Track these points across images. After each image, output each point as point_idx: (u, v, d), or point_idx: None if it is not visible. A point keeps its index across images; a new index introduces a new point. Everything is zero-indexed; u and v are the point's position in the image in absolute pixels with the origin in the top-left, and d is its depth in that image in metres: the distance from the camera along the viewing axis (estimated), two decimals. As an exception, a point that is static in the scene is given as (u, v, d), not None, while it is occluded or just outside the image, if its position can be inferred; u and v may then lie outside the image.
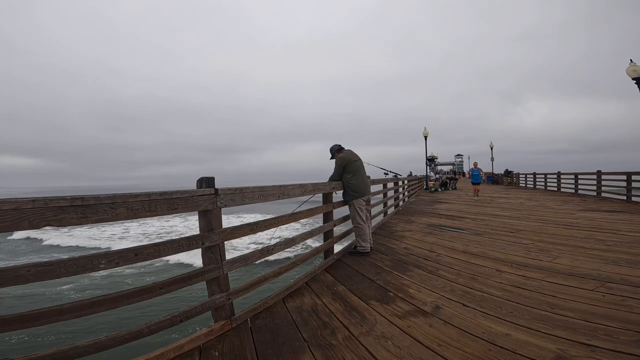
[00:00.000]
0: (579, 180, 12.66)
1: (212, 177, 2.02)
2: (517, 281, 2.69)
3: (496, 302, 2.28)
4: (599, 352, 1.59)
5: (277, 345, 1.83)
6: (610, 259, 3.18)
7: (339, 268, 3.38)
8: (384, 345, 1.78)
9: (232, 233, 2.17)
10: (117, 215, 1.51)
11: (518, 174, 22.32)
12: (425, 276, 2.97)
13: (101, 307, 1.52)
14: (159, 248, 1.70)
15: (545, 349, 1.65)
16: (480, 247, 4.00)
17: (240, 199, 2.21)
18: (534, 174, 18.48)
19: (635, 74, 7.29)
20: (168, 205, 1.72)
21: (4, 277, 1.23)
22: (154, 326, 1.70)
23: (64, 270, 1.35)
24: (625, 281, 2.55)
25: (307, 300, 2.51)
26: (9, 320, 1.26)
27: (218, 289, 2.04)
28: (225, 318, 2.06)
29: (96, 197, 1.43)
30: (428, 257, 3.61)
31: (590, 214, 6.59)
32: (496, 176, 24.92)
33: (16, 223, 1.22)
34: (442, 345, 1.74)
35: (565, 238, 4.28)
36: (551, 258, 3.34)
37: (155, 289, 1.70)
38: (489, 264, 3.22)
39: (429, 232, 5.17)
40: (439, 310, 2.21)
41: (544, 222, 5.65)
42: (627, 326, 1.83)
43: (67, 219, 1.35)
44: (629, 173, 9.40)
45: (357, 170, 3.84)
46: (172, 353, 1.72)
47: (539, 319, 1.99)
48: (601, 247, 3.72)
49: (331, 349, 1.77)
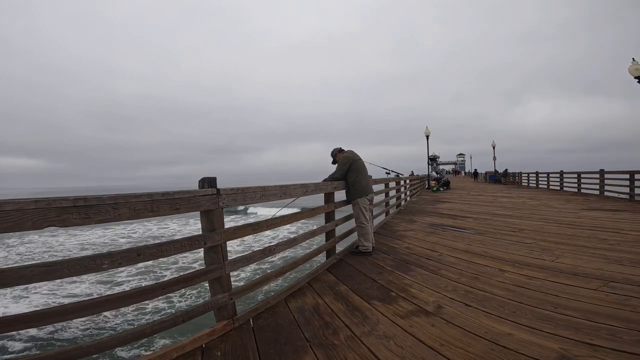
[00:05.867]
0: (581, 180, 12.60)
1: (214, 177, 2.02)
2: (520, 281, 2.68)
3: (499, 302, 2.27)
4: (602, 352, 1.58)
5: (279, 345, 1.84)
6: (614, 258, 3.17)
7: (341, 268, 3.38)
8: (386, 345, 1.78)
9: (234, 233, 2.17)
10: (119, 215, 1.51)
11: (520, 173, 22.24)
12: (427, 276, 2.96)
13: (104, 307, 1.52)
14: (161, 248, 1.71)
15: (548, 348, 1.65)
16: (482, 246, 3.99)
17: (242, 199, 2.21)
18: (537, 173, 18.41)
19: (637, 72, 7.25)
20: (170, 206, 1.72)
21: (6, 278, 1.24)
22: (156, 326, 1.70)
23: (67, 270, 1.36)
24: (629, 280, 2.54)
25: (309, 300, 2.52)
26: (12, 321, 1.26)
27: (220, 289, 2.04)
28: (227, 318, 2.06)
29: (98, 197, 1.44)
30: (430, 257, 3.61)
31: (593, 213, 6.56)
32: (498, 175, 24.84)
33: (19, 224, 1.23)
34: (445, 345, 1.74)
35: (568, 237, 4.26)
36: (554, 257, 3.32)
37: (157, 289, 1.70)
38: (491, 264, 3.21)
39: (431, 232, 5.16)
40: (441, 310, 2.20)
41: (547, 222, 5.63)
42: (631, 325, 1.82)
43: (70, 220, 1.35)
44: (632, 172, 9.34)
45: (360, 169, 3.85)
46: (174, 353, 1.72)
47: (542, 318, 1.98)
48: (604, 246, 3.70)
49: (333, 349, 1.77)
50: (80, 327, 5.87)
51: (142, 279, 8.95)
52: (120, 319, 6.21)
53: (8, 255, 13.36)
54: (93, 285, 8.48)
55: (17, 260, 12.23)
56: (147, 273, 9.38)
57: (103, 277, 8.87)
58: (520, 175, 22.13)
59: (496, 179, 24.83)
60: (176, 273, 9.04)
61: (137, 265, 9.34)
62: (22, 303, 7.41)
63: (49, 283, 8.13)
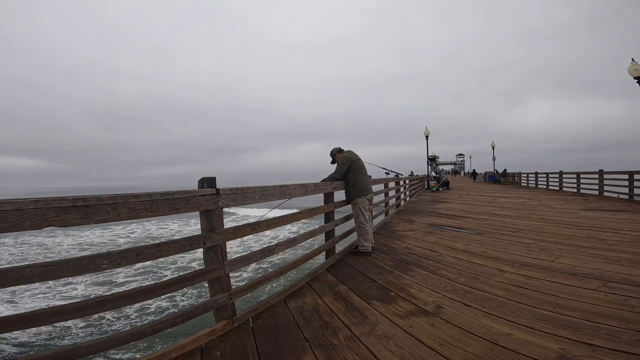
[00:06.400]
0: (580, 180, 12.62)
1: (214, 177, 2.02)
2: (519, 281, 2.68)
3: (498, 302, 2.28)
4: (601, 352, 1.59)
5: (278, 345, 1.84)
6: (612, 259, 3.17)
7: (341, 268, 3.38)
8: (386, 345, 1.78)
9: (233, 233, 2.17)
10: (118, 215, 1.51)
11: (520, 173, 22.27)
12: (426, 276, 2.96)
13: (103, 307, 1.52)
14: (160, 248, 1.71)
15: (547, 348, 1.65)
16: (481, 246, 3.99)
17: (241, 199, 2.21)
18: (536, 173, 18.43)
19: (636, 72, 7.27)
20: (169, 206, 1.72)
21: (6, 278, 1.23)
22: (156, 326, 1.70)
23: (67, 270, 1.36)
24: (627, 281, 2.54)
25: (308, 300, 2.52)
26: (11, 321, 1.26)
27: (220, 289, 2.04)
28: (226, 318, 2.06)
29: (98, 197, 1.43)
30: (429, 257, 3.61)
31: (592, 214, 6.57)
32: (497, 175, 24.87)
33: (18, 224, 1.23)
34: (444, 345, 1.74)
35: (567, 237, 4.26)
36: (553, 257, 3.33)
37: (157, 289, 1.70)
38: (491, 264, 3.21)
39: (430, 232, 5.17)
40: (441, 310, 2.21)
41: (546, 222, 5.64)
42: (629, 325, 1.82)
43: (69, 219, 1.35)
44: (631, 172, 9.36)
45: (360, 169, 3.86)
46: (174, 353, 1.72)
47: (541, 318, 1.98)
48: (603, 246, 3.71)
49: (333, 349, 1.77)
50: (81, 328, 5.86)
51: (143, 280, 8.93)
52: (123, 321, 6.20)
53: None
54: (90, 287, 8.45)
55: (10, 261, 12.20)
56: (147, 273, 9.36)
57: (99, 278, 8.84)
58: (519, 176, 22.16)
59: (495, 179, 24.86)
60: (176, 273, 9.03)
61: (135, 267, 9.32)
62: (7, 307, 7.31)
63: (42, 286, 8.10)
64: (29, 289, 7.94)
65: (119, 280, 8.97)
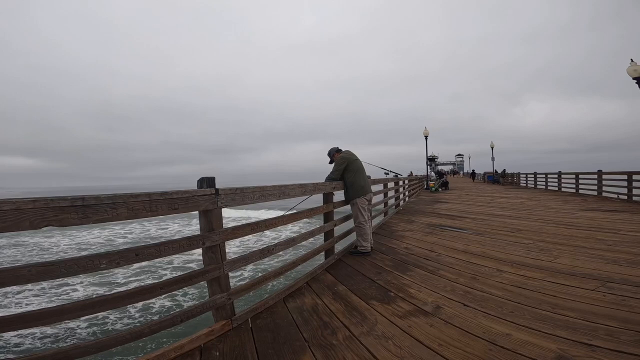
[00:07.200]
0: (579, 180, 12.65)
1: (213, 177, 2.02)
2: (518, 281, 2.68)
3: (497, 302, 2.28)
4: (600, 352, 1.59)
5: (277, 345, 1.84)
6: (611, 259, 3.18)
7: (340, 268, 3.38)
8: (385, 345, 1.78)
9: (232, 233, 2.17)
10: (117, 215, 1.51)
11: (519, 173, 22.31)
12: (425, 276, 2.97)
13: (102, 307, 1.52)
14: (159, 248, 1.71)
15: (546, 348, 1.65)
16: (480, 246, 4.00)
17: (240, 199, 2.21)
18: (535, 173, 18.46)
19: (635, 73, 7.28)
20: (168, 205, 1.72)
21: (4, 277, 1.23)
22: (154, 326, 1.70)
23: (65, 270, 1.36)
24: (626, 281, 2.55)
25: (307, 300, 2.52)
26: (10, 320, 1.26)
27: (219, 289, 2.04)
28: (225, 318, 2.06)
29: (97, 197, 1.43)
30: (428, 257, 3.61)
31: (590, 214, 6.58)
32: (497, 175, 24.91)
33: (17, 223, 1.23)
34: (443, 345, 1.74)
35: (565, 238, 4.27)
36: (552, 258, 3.33)
37: (155, 289, 1.70)
38: (490, 264, 3.22)
39: (429, 232, 5.17)
40: (440, 310, 2.21)
41: (545, 222, 5.64)
42: (628, 326, 1.83)
43: (68, 219, 1.35)
44: (630, 173, 9.39)
45: (358, 169, 3.85)
46: (172, 353, 1.72)
47: (540, 318, 1.99)
48: (602, 246, 3.72)
49: (332, 349, 1.77)
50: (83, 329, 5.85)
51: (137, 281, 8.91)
52: (125, 321, 6.19)
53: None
54: (88, 289, 8.43)
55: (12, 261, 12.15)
56: (146, 273, 9.33)
57: (96, 280, 8.82)
58: (518, 176, 22.19)
59: (494, 180, 24.89)
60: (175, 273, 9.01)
61: (133, 268, 9.30)
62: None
63: (36, 289, 8.07)
64: (21, 291, 7.92)
65: (120, 280, 8.95)
